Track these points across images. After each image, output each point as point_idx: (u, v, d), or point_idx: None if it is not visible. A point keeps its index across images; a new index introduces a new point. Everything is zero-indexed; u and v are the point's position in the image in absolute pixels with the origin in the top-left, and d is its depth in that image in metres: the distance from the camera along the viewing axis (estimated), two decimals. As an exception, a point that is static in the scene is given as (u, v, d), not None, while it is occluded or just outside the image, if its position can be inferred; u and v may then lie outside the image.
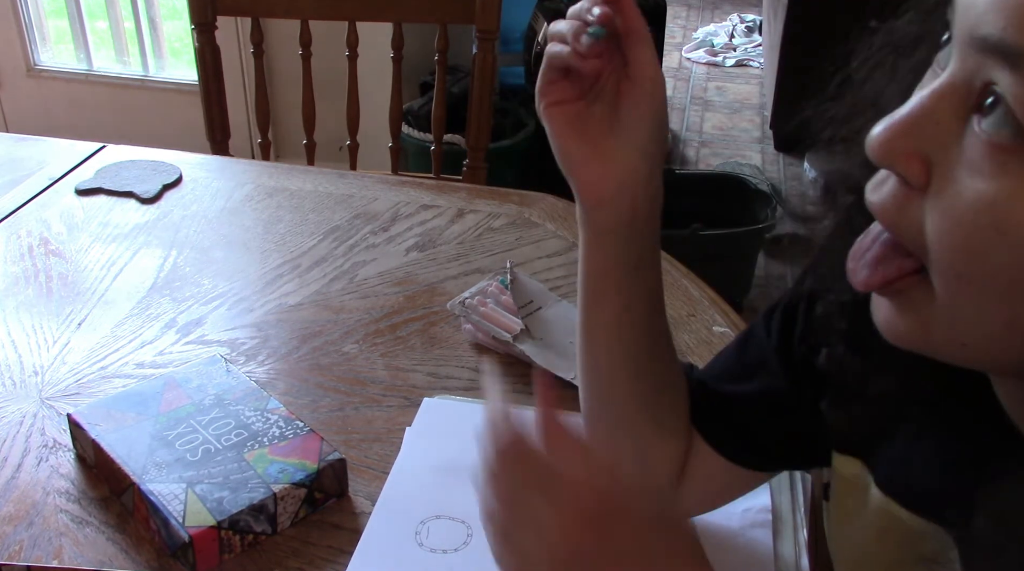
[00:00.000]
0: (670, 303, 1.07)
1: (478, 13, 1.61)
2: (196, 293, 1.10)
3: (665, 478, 0.74)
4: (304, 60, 1.73)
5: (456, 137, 2.25)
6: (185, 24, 2.33)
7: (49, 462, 0.86)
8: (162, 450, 0.81)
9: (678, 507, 0.76)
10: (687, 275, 1.13)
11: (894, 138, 0.42)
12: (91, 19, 3.16)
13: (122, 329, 1.04)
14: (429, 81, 2.75)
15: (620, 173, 0.64)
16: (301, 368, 0.98)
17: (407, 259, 1.17)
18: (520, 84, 2.83)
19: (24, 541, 0.77)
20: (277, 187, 1.35)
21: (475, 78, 1.66)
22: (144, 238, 1.22)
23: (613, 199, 0.64)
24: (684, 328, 1.03)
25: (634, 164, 0.63)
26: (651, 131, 0.63)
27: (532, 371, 0.96)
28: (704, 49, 4.27)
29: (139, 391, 0.88)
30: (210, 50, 1.69)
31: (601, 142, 0.64)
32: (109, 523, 0.79)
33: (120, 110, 3.12)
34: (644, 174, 0.64)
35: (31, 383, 0.96)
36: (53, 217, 1.26)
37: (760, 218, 2.41)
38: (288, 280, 1.13)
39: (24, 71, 3.15)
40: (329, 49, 1.93)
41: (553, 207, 1.29)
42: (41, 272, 1.14)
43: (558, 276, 1.12)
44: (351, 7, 1.68)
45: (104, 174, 1.36)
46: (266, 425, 0.84)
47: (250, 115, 1.98)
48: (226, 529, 0.75)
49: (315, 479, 0.79)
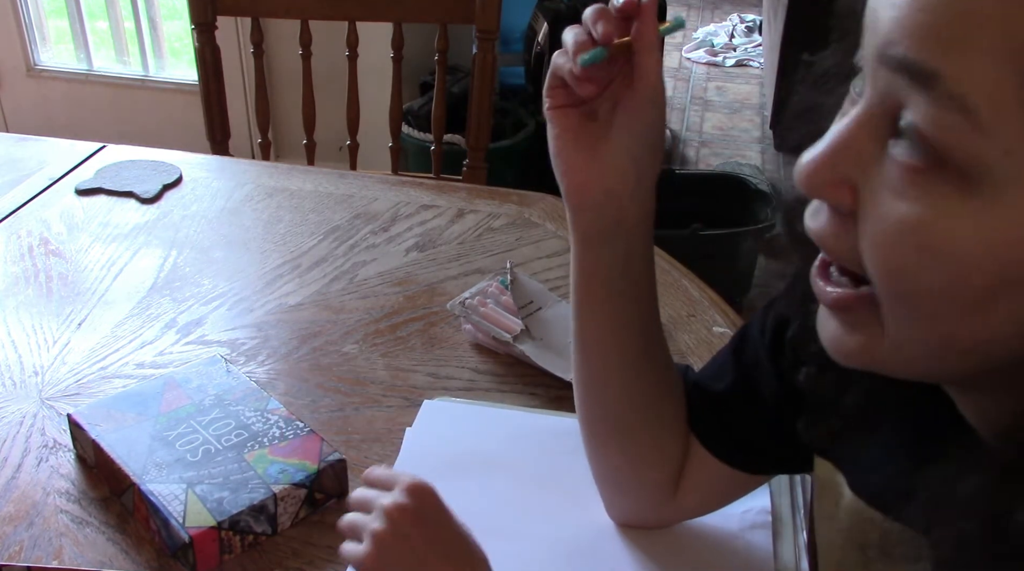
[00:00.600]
0: (670, 303, 1.07)
1: (478, 13, 1.61)
2: (196, 293, 1.10)
3: (663, 480, 0.74)
4: (304, 60, 1.73)
5: (456, 137, 2.25)
6: (185, 24, 2.33)
7: (49, 462, 0.86)
8: (162, 450, 0.81)
9: (676, 512, 0.77)
10: (687, 275, 1.13)
11: (818, 169, 0.43)
12: (91, 19, 3.16)
13: (122, 329, 1.04)
14: (429, 81, 2.75)
15: (607, 179, 0.64)
16: (301, 368, 0.98)
17: (407, 259, 1.17)
18: (520, 84, 2.83)
19: (24, 541, 0.77)
20: (277, 187, 1.35)
21: (475, 78, 1.66)
22: (144, 238, 1.22)
23: (598, 204, 0.65)
24: (684, 328, 1.03)
25: (623, 169, 0.64)
26: (646, 138, 0.64)
27: (532, 371, 0.96)
28: (704, 49, 4.27)
29: (139, 391, 0.88)
30: (210, 50, 1.69)
31: (595, 147, 0.64)
32: (109, 523, 0.79)
33: (120, 110, 3.12)
34: (632, 180, 0.64)
35: (31, 383, 0.96)
36: (53, 217, 1.26)
37: (760, 218, 2.41)
38: (288, 280, 1.13)
39: (24, 71, 3.15)
40: (329, 49, 1.93)
41: (553, 207, 1.29)
42: (41, 272, 1.14)
43: (558, 276, 1.12)
44: (351, 7, 1.68)
45: (104, 174, 1.36)
46: (266, 425, 0.84)
47: (250, 115, 1.98)
48: (226, 529, 0.75)
49: (315, 479, 0.79)
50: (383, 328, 1.04)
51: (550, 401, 0.93)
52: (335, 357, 0.99)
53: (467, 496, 0.77)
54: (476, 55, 1.64)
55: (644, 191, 0.65)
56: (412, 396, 0.94)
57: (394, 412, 0.92)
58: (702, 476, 0.73)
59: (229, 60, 1.81)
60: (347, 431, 0.89)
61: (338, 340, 1.02)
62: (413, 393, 0.94)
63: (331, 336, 1.03)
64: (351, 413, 0.92)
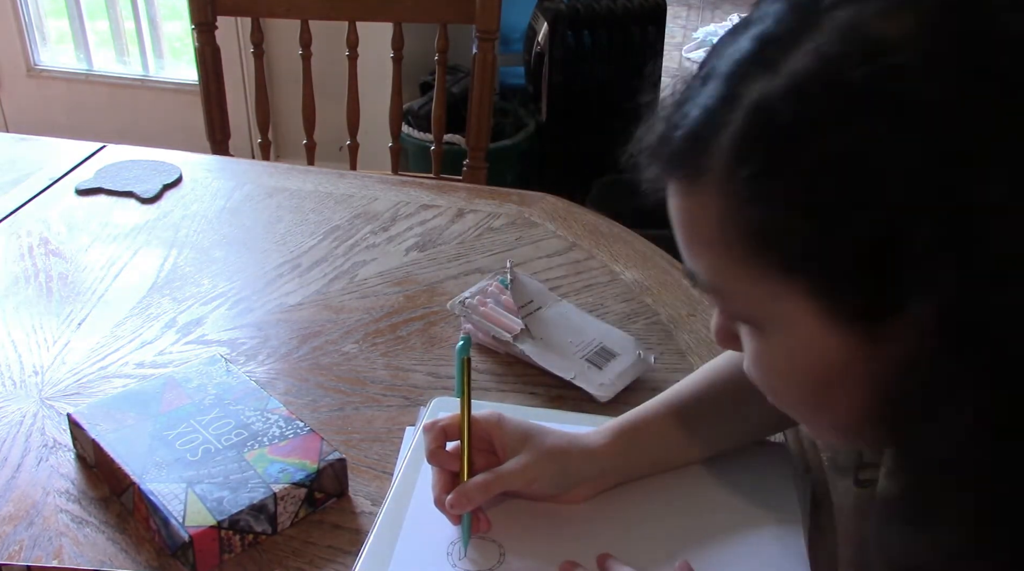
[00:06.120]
0: (670, 303, 1.07)
1: (478, 13, 1.62)
2: (196, 293, 1.10)
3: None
4: (304, 60, 1.73)
5: (456, 137, 2.25)
6: (185, 24, 2.33)
7: (49, 462, 0.86)
8: (162, 450, 0.81)
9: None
10: (687, 275, 1.13)
11: (715, 336, 0.62)
12: (91, 19, 3.16)
13: (122, 329, 1.04)
14: (429, 81, 2.75)
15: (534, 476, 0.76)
16: (301, 368, 0.98)
17: (407, 259, 1.17)
18: (520, 84, 2.83)
19: (24, 541, 0.77)
20: (277, 187, 1.35)
21: (475, 78, 1.66)
22: (144, 238, 1.22)
23: (554, 480, 0.77)
24: (684, 328, 1.03)
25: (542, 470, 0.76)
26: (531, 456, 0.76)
27: (531, 371, 0.96)
28: (704, 49, 4.27)
29: (139, 391, 0.88)
30: (210, 50, 1.69)
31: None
32: (109, 523, 0.79)
33: (120, 110, 3.12)
34: (554, 473, 0.76)
35: (31, 383, 0.96)
36: (53, 217, 1.26)
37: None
38: (288, 280, 1.13)
39: (24, 71, 3.15)
40: (329, 49, 1.93)
41: (553, 207, 1.29)
42: (41, 272, 1.14)
43: (558, 276, 1.12)
44: (351, 7, 1.68)
45: (104, 174, 1.36)
46: (266, 425, 0.84)
47: (250, 115, 1.98)
48: (226, 529, 0.75)
49: (315, 479, 0.79)
50: (383, 328, 1.04)
51: (550, 400, 0.93)
52: (335, 357, 0.99)
53: (496, 513, 0.77)
54: (476, 55, 1.64)
55: (573, 473, 0.77)
56: (412, 396, 0.94)
57: (394, 412, 0.92)
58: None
59: (229, 60, 1.81)
60: (347, 431, 0.89)
61: (338, 340, 1.02)
62: (413, 393, 0.94)
63: (331, 336, 1.03)
64: (351, 413, 0.92)
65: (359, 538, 0.77)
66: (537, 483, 0.76)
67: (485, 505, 0.76)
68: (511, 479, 0.75)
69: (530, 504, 0.78)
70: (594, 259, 1.16)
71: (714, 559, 0.74)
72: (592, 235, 1.21)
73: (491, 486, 0.74)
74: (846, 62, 0.45)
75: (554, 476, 0.76)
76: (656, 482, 0.80)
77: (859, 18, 0.46)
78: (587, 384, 0.92)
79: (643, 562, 0.73)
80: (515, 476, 0.75)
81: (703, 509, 0.78)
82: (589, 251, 1.18)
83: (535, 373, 0.96)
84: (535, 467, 0.75)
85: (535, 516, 0.78)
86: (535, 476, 0.76)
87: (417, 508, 0.78)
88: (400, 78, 1.75)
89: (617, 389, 0.92)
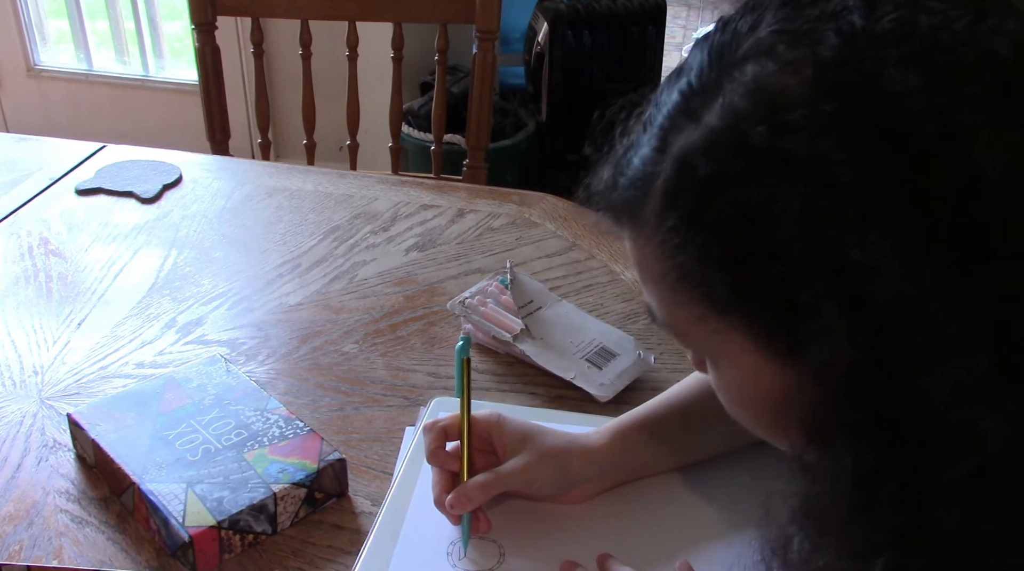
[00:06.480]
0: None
1: (478, 13, 1.61)
2: (196, 293, 1.10)
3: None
4: (304, 60, 1.73)
5: (456, 137, 2.25)
6: (185, 24, 2.33)
7: (49, 462, 0.86)
8: (162, 450, 0.81)
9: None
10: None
11: (692, 361, 0.65)
12: (91, 19, 3.16)
13: (122, 329, 1.04)
14: (429, 81, 2.75)
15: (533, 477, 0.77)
16: (301, 368, 0.98)
17: (407, 259, 1.17)
18: (520, 84, 2.83)
19: (24, 541, 0.77)
20: (277, 187, 1.35)
21: (475, 78, 1.66)
22: (144, 238, 1.22)
23: (555, 479, 0.77)
24: (684, 328, 1.03)
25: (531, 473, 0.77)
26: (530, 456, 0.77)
27: (531, 371, 0.96)
28: (704, 49, 4.26)
29: (139, 391, 0.88)
30: (210, 50, 1.69)
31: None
32: (109, 523, 0.79)
33: (120, 110, 3.12)
34: (553, 474, 0.77)
35: (31, 383, 0.96)
36: (53, 217, 1.26)
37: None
38: (288, 280, 1.13)
39: (24, 71, 3.15)
40: (329, 49, 1.93)
41: (553, 207, 1.29)
42: (41, 272, 1.14)
43: (558, 276, 1.12)
44: (351, 7, 1.68)
45: (104, 174, 1.36)
46: (266, 425, 0.84)
47: (250, 115, 1.98)
48: (226, 529, 0.75)
49: (315, 479, 0.79)
50: (383, 328, 1.04)
51: (550, 400, 0.93)
52: (335, 357, 0.99)
53: (496, 513, 0.77)
54: (476, 55, 1.64)
55: (573, 473, 0.77)
56: (412, 396, 0.94)
57: (394, 412, 0.92)
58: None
59: (229, 60, 1.81)
60: (347, 431, 0.89)
61: (338, 340, 1.02)
62: (413, 393, 0.94)
63: (331, 336, 1.03)
64: (351, 413, 0.92)
65: (359, 538, 0.77)
66: (537, 483, 0.76)
67: (485, 505, 0.76)
68: (511, 479, 0.75)
69: (530, 504, 0.78)
70: (594, 259, 1.16)
71: (714, 559, 0.74)
72: (592, 235, 1.21)
73: (491, 486, 0.75)
74: (751, 119, 0.47)
75: (554, 476, 0.76)
76: (656, 482, 0.80)
77: (763, 72, 0.47)
78: (587, 384, 0.92)
79: (643, 562, 0.73)
80: (515, 476, 0.75)
81: (703, 509, 0.78)
82: (589, 251, 1.18)
83: (535, 373, 0.96)
84: (535, 467, 0.75)
85: (535, 516, 0.78)
86: (535, 476, 0.76)
87: (417, 508, 0.78)
88: (400, 78, 1.75)
89: (617, 389, 0.92)
